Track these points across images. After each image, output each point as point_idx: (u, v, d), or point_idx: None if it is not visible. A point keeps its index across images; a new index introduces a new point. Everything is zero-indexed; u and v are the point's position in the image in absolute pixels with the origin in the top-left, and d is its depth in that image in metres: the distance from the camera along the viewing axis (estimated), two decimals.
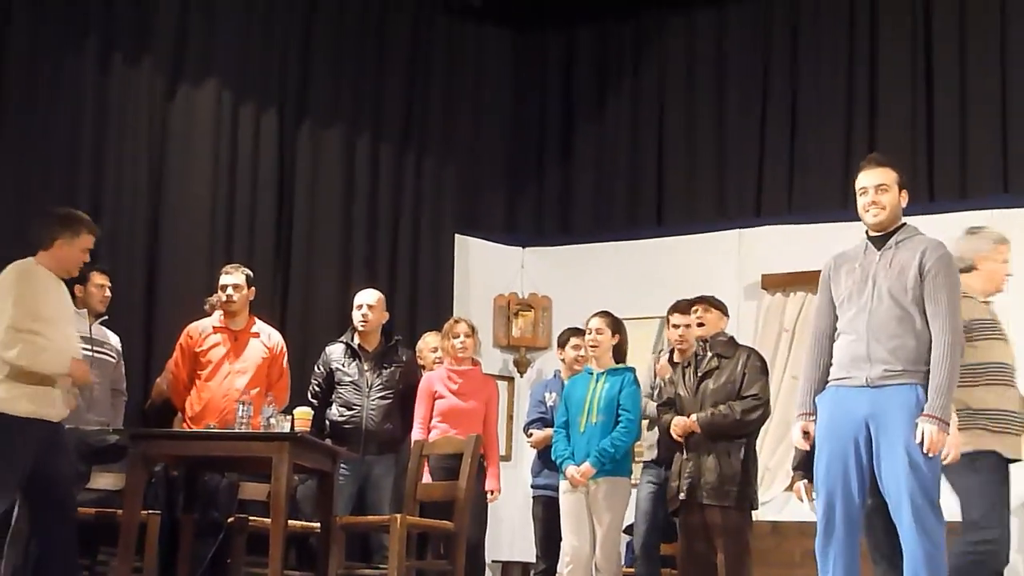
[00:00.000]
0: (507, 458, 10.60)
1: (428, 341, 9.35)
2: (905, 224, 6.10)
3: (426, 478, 8.34)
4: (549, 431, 8.62)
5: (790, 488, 7.63)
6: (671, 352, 8.58)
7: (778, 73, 11.39)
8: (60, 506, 6.59)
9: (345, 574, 7.85)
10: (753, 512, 7.92)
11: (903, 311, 5.88)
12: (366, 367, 8.51)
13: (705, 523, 7.63)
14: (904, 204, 6.09)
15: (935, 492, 5.79)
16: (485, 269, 11.73)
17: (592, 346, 8.19)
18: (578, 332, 8.84)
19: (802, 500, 7.63)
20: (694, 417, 7.68)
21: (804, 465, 7.37)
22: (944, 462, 5.96)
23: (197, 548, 7.82)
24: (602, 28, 12.27)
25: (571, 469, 7.95)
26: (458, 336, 8.83)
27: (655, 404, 8.21)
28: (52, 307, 6.60)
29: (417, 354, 9.24)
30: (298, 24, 10.90)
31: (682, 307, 8.41)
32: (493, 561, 10.69)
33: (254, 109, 10.46)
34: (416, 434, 8.56)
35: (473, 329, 8.94)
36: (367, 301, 8.58)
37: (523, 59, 12.41)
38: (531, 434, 9.02)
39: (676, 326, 8.46)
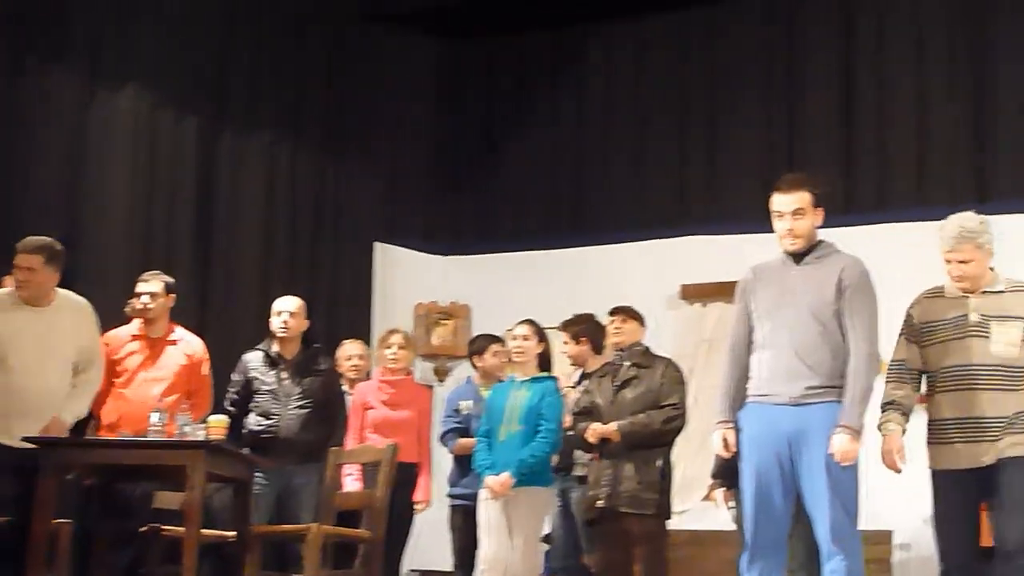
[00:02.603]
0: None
1: (346, 349, 9.32)
2: (822, 241, 6.15)
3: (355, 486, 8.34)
4: (470, 440, 8.61)
5: (708, 497, 7.68)
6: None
7: (697, 85, 11.49)
8: None
9: None
10: (670, 521, 7.95)
11: (822, 326, 5.94)
12: (284, 376, 8.43)
13: (622, 532, 7.65)
14: (820, 222, 6.13)
15: (854, 506, 5.88)
16: (405, 277, 11.74)
17: (518, 353, 8.16)
18: (495, 339, 8.86)
19: (719, 507, 7.70)
20: (614, 425, 7.69)
21: (722, 473, 7.44)
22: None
23: (111, 558, 7.72)
24: (523, 40, 12.30)
25: (490, 480, 7.92)
26: (391, 347, 8.87)
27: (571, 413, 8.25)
28: None
29: (335, 362, 9.19)
30: (218, 30, 10.81)
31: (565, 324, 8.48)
32: (411, 570, 10.66)
33: (173, 116, 10.36)
34: (348, 445, 8.55)
35: (408, 340, 8.99)
36: (287, 308, 8.49)
37: (445, 69, 12.43)
38: (448, 444, 9.03)
39: (567, 342, 8.52)
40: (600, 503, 7.67)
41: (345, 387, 8.97)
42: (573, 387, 8.52)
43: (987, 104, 10.41)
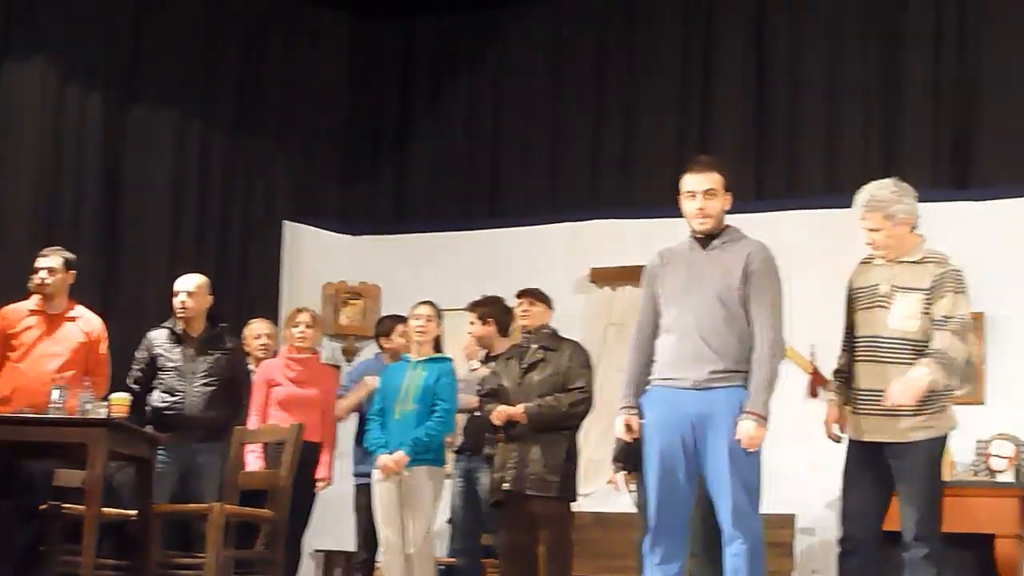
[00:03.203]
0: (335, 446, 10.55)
1: (254, 328, 9.28)
2: (729, 226, 6.18)
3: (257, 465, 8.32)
4: (354, 397, 8.65)
5: (611, 480, 7.72)
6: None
7: (614, 69, 11.50)
8: None
9: (163, 563, 7.74)
10: (576, 503, 7.97)
11: (728, 312, 5.96)
12: (189, 353, 8.37)
13: (527, 514, 7.66)
14: (728, 206, 6.16)
15: (756, 490, 5.93)
16: (316, 257, 11.68)
17: (420, 333, 8.16)
18: (401, 320, 8.87)
19: (620, 491, 7.74)
20: (521, 407, 7.69)
21: (623, 456, 7.45)
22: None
23: (11, 536, 7.64)
24: (441, 20, 12.25)
25: (384, 457, 7.90)
26: (298, 326, 8.89)
27: (470, 396, 8.24)
28: None
29: (243, 341, 9.14)
30: (129, 4, 10.69)
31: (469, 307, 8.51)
32: (316, 551, 10.64)
33: (81, 89, 10.25)
34: (252, 423, 8.52)
35: (315, 319, 9.02)
36: (185, 288, 8.41)
37: (361, 47, 12.35)
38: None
39: (473, 323, 8.53)
40: (506, 485, 7.68)
41: (252, 366, 8.94)
42: (482, 363, 8.54)
43: (897, 92, 10.49)
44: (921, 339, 6.11)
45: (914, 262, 6.23)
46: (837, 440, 6.36)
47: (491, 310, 8.45)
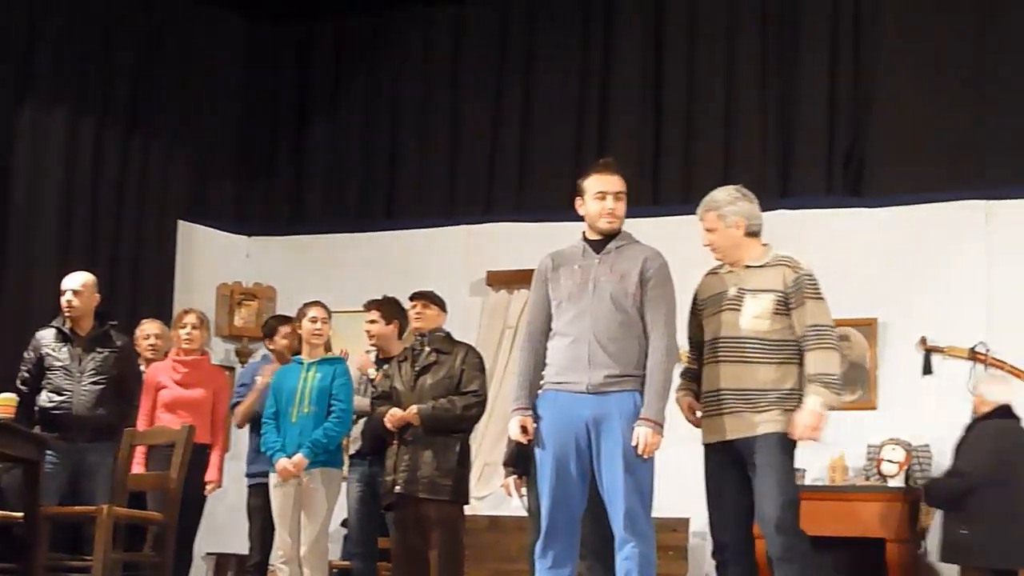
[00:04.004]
0: (227, 449, 10.44)
1: (144, 328, 9.16)
2: (622, 231, 6.20)
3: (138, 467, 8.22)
4: (249, 401, 8.58)
5: (503, 484, 7.70)
6: (377, 351, 8.61)
7: (513, 73, 11.51)
8: None
9: (50, 565, 7.61)
10: (471, 507, 7.96)
11: (625, 316, 5.99)
12: (78, 352, 8.25)
13: (419, 517, 7.62)
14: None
15: (649, 495, 5.95)
16: (210, 257, 11.59)
17: (316, 335, 8.12)
18: (286, 320, 8.82)
19: (511, 495, 7.72)
20: (414, 408, 7.65)
21: (513, 461, 7.46)
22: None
23: None
24: (339, 21, 12.19)
25: (283, 461, 7.85)
26: (185, 327, 8.80)
27: (366, 398, 8.19)
28: None
29: (133, 341, 9.02)
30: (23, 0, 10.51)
31: (368, 305, 8.47)
32: (208, 553, 10.53)
33: None
34: (139, 425, 8.41)
35: (203, 320, 8.91)
36: (71, 286, 8.29)
37: (258, 47, 12.28)
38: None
39: (375, 321, 8.49)
40: (398, 488, 7.63)
41: (142, 366, 8.83)
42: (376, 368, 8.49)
43: (793, 103, 10.59)
44: (774, 338, 6.13)
45: (760, 266, 6.28)
46: (697, 425, 6.36)
47: (395, 310, 8.40)
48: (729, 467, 6.20)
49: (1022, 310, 9.53)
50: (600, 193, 6.13)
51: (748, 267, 6.29)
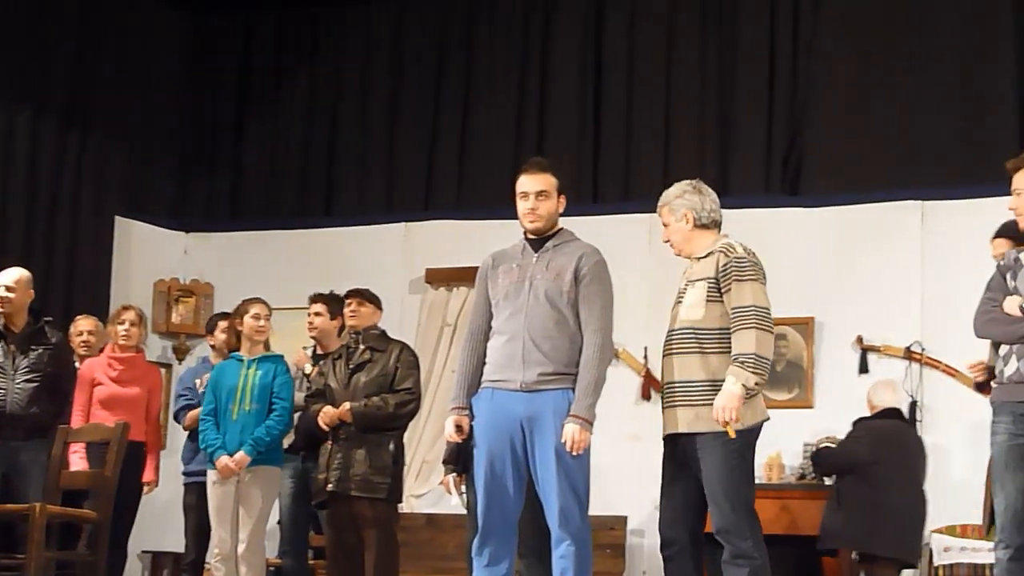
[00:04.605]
0: (162, 447, 10.38)
1: (78, 325, 9.07)
2: (562, 229, 6.20)
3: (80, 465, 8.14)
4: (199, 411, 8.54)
5: (442, 482, 7.68)
6: (314, 346, 8.57)
7: (452, 71, 11.50)
8: None
9: None
10: (409, 505, 7.94)
11: (559, 314, 5.97)
12: (11, 349, 8.16)
13: (353, 515, 7.60)
14: (562, 209, 6.18)
15: (584, 493, 5.93)
16: (146, 253, 11.50)
17: (259, 331, 8.08)
18: (223, 316, 8.78)
19: (451, 493, 7.70)
20: (347, 406, 7.63)
21: (453, 458, 7.43)
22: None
23: None
24: (279, 17, 12.14)
25: (224, 459, 7.80)
26: (124, 323, 8.69)
27: (300, 393, 8.16)
28: None
29: (68, 337, 8.94)
30: None
31: (314, 298, 8.43)
32: (143, 552, 10.46)
33: None
34: (75, 422, 8.32)
35: (141, 317, 8.83)
36: (4, 283, 8.15)
37: (198, 43, 12.21)
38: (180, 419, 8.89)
39: (320, 314, 8.46)
40: (330, 486, 7.61)
41: (77, 363, 8.74)
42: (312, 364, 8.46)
43: (732, 104, 10.64)
44: (709, 327, 6.06)
45: (703, 256, 6.27)
46: None
47: (340, 307, 8.35)
48: (679, 462, 6.16)
49: (956, 310, 9.57)
50: (523, 193, 6.13)
51: (697, 259, 6.30)
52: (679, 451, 6.15)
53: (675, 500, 6.22)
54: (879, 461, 8.38)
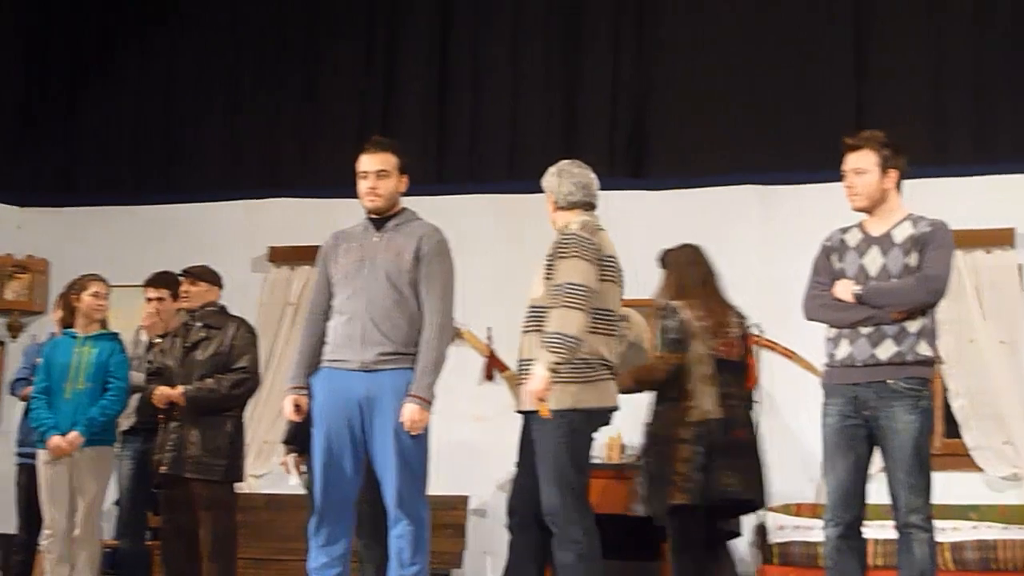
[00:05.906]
0: None
1: None
2: (405, 209, 6.21)
3: None
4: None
5: (282, 463, 7.63)
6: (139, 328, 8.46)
7: (296, 46, 11.36)
8: None
9: None
10: (249, 485, 7.87)
11: (399, 294, 5.99)
12: None
13: (188, 496, 7.52)
14: (404, 188, 6.19)
15: (422, 473, 5.99)
16: None
17: (99, 308, 7.96)
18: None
19: (290, 473, 7.67)
20: (180, 389, 7.54)
21: (293, 439, 7.41)
22: None
23: None
24: None
25: (56, 439, 7.65)
26: None
27: (141, 373, 8.04)
28: None
29: None
30: None
31: (154, 280, 8.30)
32: None
33: None
34: None
35: None
36: None
37: (29, 14, 11.85)
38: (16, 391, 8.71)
39: (150, 299, 8.33)
40: (163, 468, 7.52)
41: None
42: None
43: (577, 87, 10.68)
44: (543, 304, 6.16)
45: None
46: None
47: (178, 287, 8.22)
48: (528, 437, 6.24)
49: (795, 293, 9.71)
50: (363, 173, 6.17)
51: None
52: (528, 427, 6.23)
53: (523, 475, 6.31)
54: None
